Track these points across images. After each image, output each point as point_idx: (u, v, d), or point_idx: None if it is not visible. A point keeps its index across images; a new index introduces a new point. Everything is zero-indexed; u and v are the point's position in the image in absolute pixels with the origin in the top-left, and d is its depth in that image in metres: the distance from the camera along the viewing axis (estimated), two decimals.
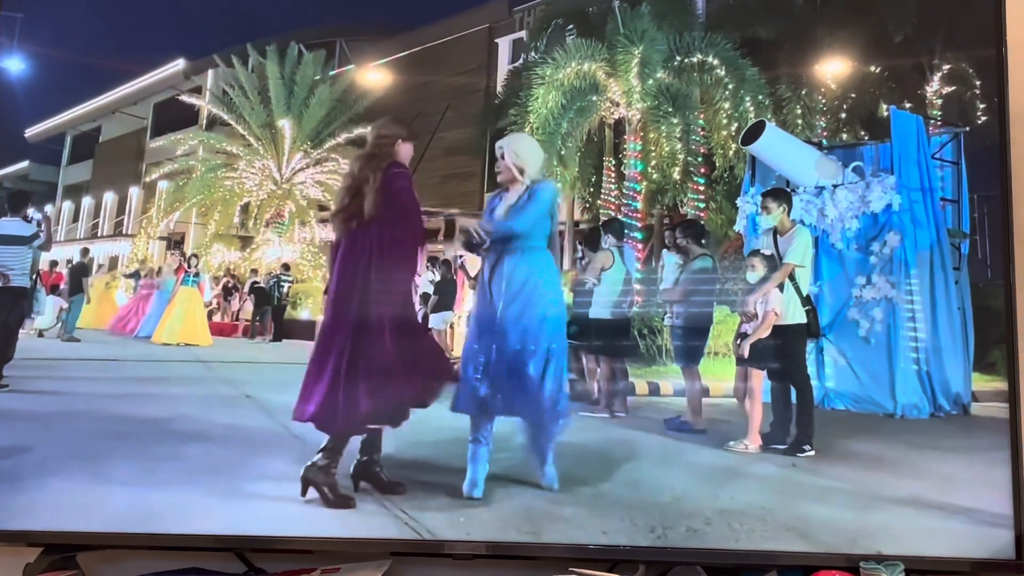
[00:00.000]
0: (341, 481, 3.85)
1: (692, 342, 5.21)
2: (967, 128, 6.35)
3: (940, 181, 6.02)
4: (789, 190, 5.82)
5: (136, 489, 3.86)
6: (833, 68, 7.27)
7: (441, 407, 4.03)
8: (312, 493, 3.79)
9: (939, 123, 6.61)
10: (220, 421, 5.14)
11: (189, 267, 7.97)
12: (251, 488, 3.95)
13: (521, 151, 4.11)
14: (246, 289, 8.44)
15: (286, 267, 8.49)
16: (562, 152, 7.53)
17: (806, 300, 4.88)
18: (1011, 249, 3.77)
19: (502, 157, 4.12)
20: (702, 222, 6.90)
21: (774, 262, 4.85)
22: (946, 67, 6.99)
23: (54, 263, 7.80)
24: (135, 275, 8.63)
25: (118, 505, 3.71)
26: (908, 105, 6.88)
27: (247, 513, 3.71)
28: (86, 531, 3.61)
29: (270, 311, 8.31)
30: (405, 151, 4.07)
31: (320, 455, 3.81)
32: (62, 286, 7.81)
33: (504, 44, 9.08)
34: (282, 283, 8.32)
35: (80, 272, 7.90)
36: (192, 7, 7.14)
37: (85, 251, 8.33)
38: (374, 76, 9.06)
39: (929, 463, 4.46)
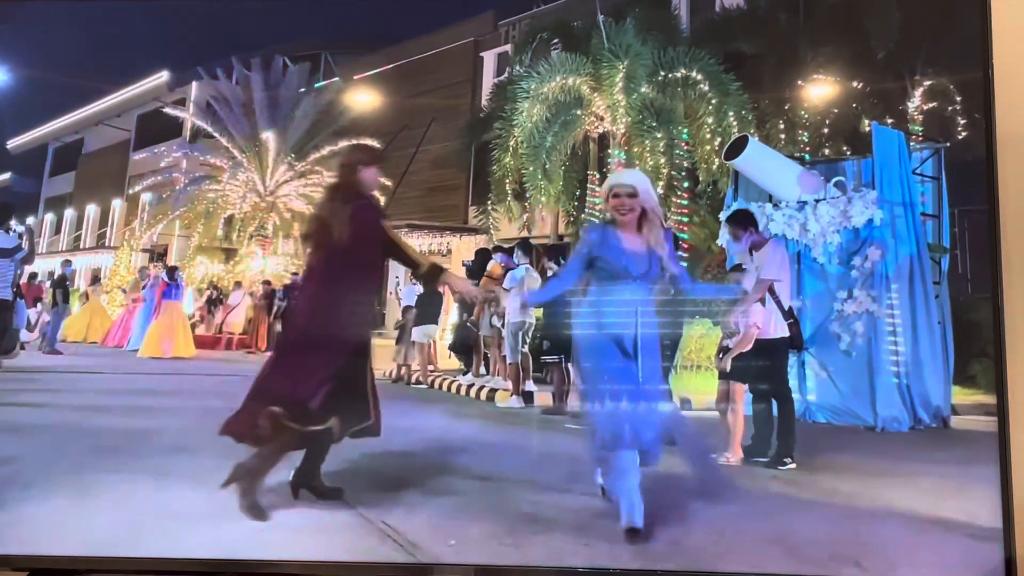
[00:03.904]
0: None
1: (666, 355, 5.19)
2: (948, 144, 6.40)
3: (921, 196, 6.07)
4: (757, 207, 5.92)
5: (121, 509, 3.81)
6: (816, 84, 7.34)
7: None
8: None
9: (920, 139, 6.67)
10: (202, 435, 5.09)
11: (170, 280, 7.91)
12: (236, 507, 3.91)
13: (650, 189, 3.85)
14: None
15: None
16: (547, 166, 7.55)
17: (789, 313, 4.88)
18: (999, 266, 3.74)
19: (632, 195, 3.75)
20: (679, 237, 6.95)
21: (755, 276, 4.86)
22: (927, 83, 7.07)
23: (33, 275, 7.73)
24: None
25: (103, 526, 3.66)
26: (890, 121, 6.94)
27: (234, 533, 3.67)
28: (71, 555, 3.57)
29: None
30: (369, 176, 4.00)
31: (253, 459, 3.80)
32: (44, 299, 7.76)
33: (489, 58, 9.13)
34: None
35: (62, 285, 7.84)
36: (176, 20, 7.13)
37: (66, 263, 8.28)
38: (359, 89, 9.09)
39: (910, 476, 4.46)
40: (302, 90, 9.15)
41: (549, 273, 5.72)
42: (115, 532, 3.65)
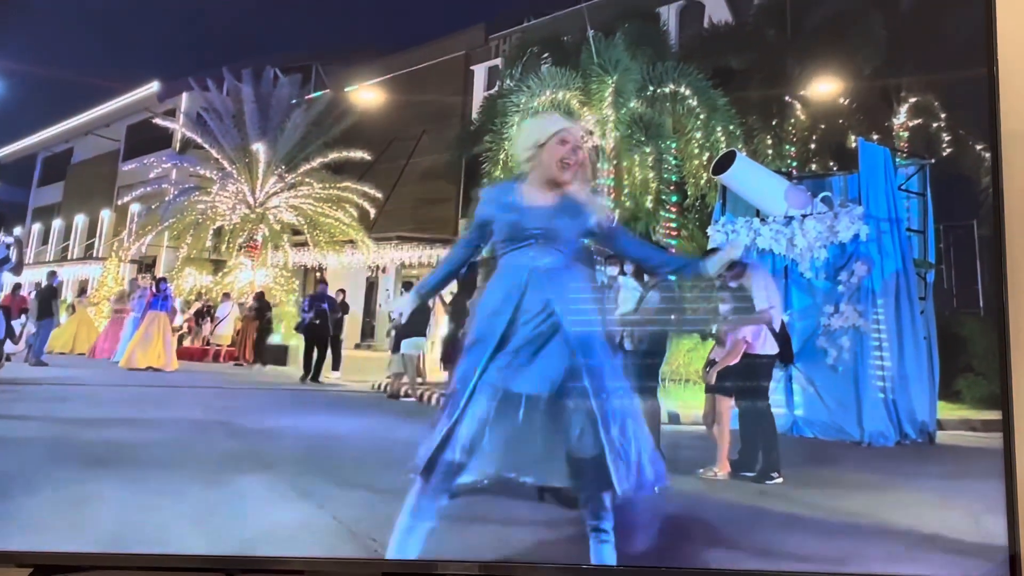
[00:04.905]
0: None
1: (651, 367, 5.17)
2: (933, 160, 6.45)
3: (907, 212, 6.11)
4: (744, 221, 6.06)
5: (106, 521, 3.81)
6: (803, 99, 7.39)
7: None
8: None
9: (906, 154, 6.72)
10: (189, 445, 5.09)
11: (157, 291, 7.89)
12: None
13: None
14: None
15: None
16: None
17: (782, 330, 4.89)
18: (1003, 268, 3.68)
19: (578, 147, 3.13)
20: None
21: (741, 292, 4.87)
22: (913, 99, 7.13)
23: (17, 286, 7.66)
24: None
25: (87, 536, 3.66)
26: (876, 136, 6.99)
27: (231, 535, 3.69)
28: (75, 552, 3.58)
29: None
30: None
31: None
32: (29, 309, 7.69)
33: (480, 71, 9.16)
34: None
35: (49, 296, 7.79)
36: (167, 30, 7.14)
37: (52, 274, 8.22)
38: (350, 100, 9.11)
39: (896, 491, 4.48)
40: (293, 101, 9.15)
41: None
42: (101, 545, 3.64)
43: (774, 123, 7.42)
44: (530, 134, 3.15)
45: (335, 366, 7.89)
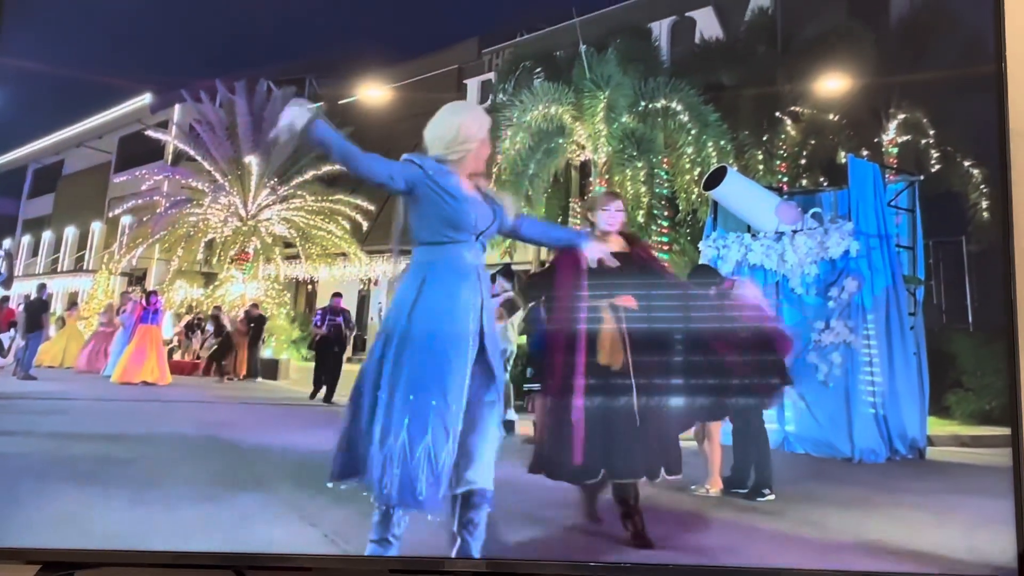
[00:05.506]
0: None
1: None
2: (922, 176, 6.50)
3: (896, 228, 6.15)
4: (735, 236, 6.14)
5: (95, 534, 3.81)
6: (793, 115, 7.44)
7: None
8: None
9: (895, 171, 6.77)
10: (177, 464, 5.07)
11: (148, 304, 7.85)
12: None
13: None
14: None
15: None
16: (529, 193, 7.61)
17: None
18: (1012, 276, 3.65)
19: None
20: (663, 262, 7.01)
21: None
22: (902, 116, 7.19)
23: (5, 299, 7.61)
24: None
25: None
26: (865, 152, 7.04)
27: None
28: (84, 548, 3.59)
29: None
30: (605, 217, 4.01)
31: None
32: (17, 322, 7.64)
33: (473, 85, 9.20)
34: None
35: (39, 308, 7.73)
36: (160, 41, 7.14)
37: (42, 287, 8.16)
38: (343, 113, 9.12)
39: (888, 507, 4.49)
40: None
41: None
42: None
43: (765, 139, 7.47)
44: (475, 126, 3.06)
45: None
